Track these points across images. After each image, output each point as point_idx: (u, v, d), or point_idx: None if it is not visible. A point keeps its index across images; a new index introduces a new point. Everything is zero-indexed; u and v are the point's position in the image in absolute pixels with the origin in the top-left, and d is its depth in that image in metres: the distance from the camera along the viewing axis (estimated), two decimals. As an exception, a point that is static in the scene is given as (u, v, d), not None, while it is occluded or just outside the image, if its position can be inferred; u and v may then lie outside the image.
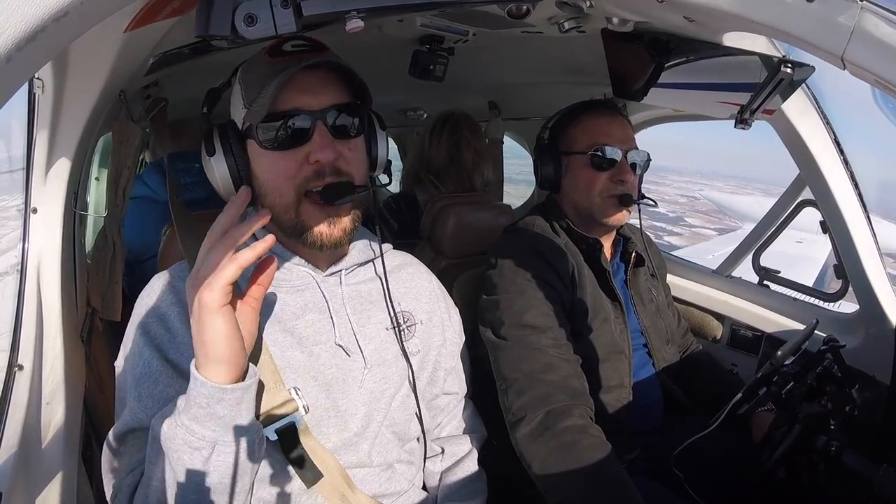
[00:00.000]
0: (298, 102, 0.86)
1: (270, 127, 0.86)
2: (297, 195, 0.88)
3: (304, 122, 0.86)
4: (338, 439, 0.95)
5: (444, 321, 1.16)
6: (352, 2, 0.72)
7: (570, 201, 1.44)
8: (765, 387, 1.18)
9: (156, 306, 0.91)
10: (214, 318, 0.73)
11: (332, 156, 0.86)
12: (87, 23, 0.55)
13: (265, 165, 0.90)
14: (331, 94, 0.88)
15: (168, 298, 0.91)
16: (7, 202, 2.77)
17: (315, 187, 0.87)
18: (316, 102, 0.87)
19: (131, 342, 0.91)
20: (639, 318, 1.48)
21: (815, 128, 1.45)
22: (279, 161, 0.88)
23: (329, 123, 0.87)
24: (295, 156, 0.87)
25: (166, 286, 0.93)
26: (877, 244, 1.52)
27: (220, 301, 0.73)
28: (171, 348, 0.89)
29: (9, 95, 0.50)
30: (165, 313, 0.90)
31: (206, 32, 0.68)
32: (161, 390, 0.86)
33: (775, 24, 0.72)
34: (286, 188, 0.88)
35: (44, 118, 1.00)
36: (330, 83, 0.89)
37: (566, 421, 1.11)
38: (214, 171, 0.90)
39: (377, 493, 1.00)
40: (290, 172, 0.88)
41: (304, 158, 0.87)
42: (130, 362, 0.89)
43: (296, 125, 0.86)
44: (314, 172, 0.87)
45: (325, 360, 0.95)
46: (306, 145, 0.87)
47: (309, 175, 0.87)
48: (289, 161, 0.87)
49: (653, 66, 1.14)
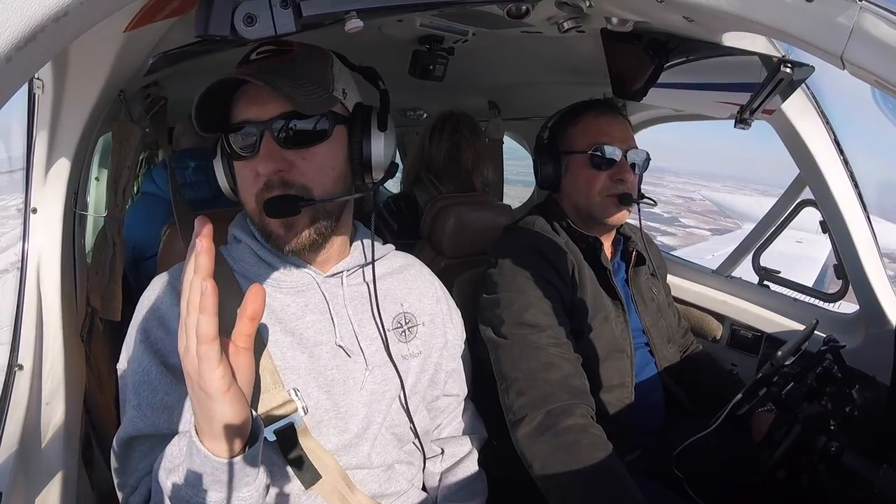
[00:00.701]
0: (248, 114, 0.86)
1: (231, 139, 0.88)
2: (257, 205, 0.88)
3: (251, 134, 0.86)
4: (338, 440, 0.94)
5: (446, 323, 1.16)
6: (351, 2, 0.72)
7: (570, 200, 1.44)
8: (765, 387, 1.18)
9: (156, 308, 0.91)
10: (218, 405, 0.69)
11: (271, 167, 0.85)
12: (86, 23, 0.55)
13: (237, 174, 0.92)
14: (278, 104, 0.85)
15: (168, 300, 0.91)
16: (7, 201, 2.77)
17: (264, 198, 0.86)
18: (263, 113, 0.85)
19: (132, 347, 0.90)
20: (640, 317, 1.48)
21: (814, 128, 1.45)
22: (241, 171, 0.90)
23: (276, 134, 0.85)
24: (249, 167, 0.88)
25: (166, 287, 0.93)
26: (877, 244, 1.52)
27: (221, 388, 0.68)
28: (171, 351, 0.88)
29: (9, 95, 0.50)
30: (165, 315, 0.90)
31: (205, 32, 0.68)
32: (161, 398, 0.86)
33: (774, 24, 0.71)
34: (248, 197, 0.91)
35: (44, 118, 1.00)
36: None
37: (567, 420, 1.11)
38: (216, 173, 0.95)
39: (376, 493, 1.00)
40: (248, 183, 0.89)
41: (254, 170, 0.87)
42: (130, 368, 0.89)
43: (245, 138, 0.87)
44: (263, 184, 0.87)
45: (325, 361, 0.95)
46: (255, 156, 0.86)
47: (261, 187, 0.87)
48: (246, 172, 0.89)
49: (652, 66, 1.14)
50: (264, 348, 0.90)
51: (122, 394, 0.91)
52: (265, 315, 0.91)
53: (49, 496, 0.96)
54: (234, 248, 1.00)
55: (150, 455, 0.86)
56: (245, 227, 1.00)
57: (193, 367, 0.67)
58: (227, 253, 0.99)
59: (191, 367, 0.68)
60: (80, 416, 1.12)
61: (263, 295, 0.72)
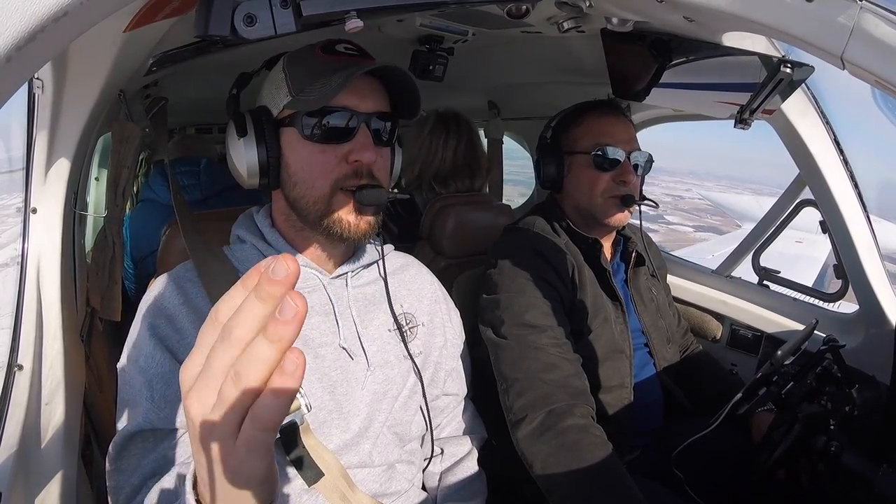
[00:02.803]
0: (348, 102, 0.88)
1: (317, 120, 0.87)
2: (331, 189, 0.89)
3: (352, 122, 0.88)
4: (339, 440, 0.95)
5: (445, 322, 1.17)
6: (351, 2, 0.72)
7: (572, 201, 1.44)
8: (764, 387, 1.18)
9: (163, 307, 0.91)
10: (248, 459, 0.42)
11: (372, 157, 0.89)
12: (86, 23, 0.55)
13: (302, 156, 0.90)
14: (376, 101, 0.91)
15: (175, 299, 0.91)
16: (6, 201, 2.79)
17: (350, 186, 0.89)
18: (364, 105, 0.89)
19: (140, 343, 0.89)
20: (639, 318, 1.48)
21: (814, 128, 1.45)
22: (318, 154, 0.89)
23: (372, 127, 0.90)
24: (335, 151, 0.89)
25: (173, 287, 0.93)
26: (876, 244, 1.52)
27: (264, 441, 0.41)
28: (181, 349, 0.88)
29: (8, 95, 0.50)
30: (174, 314, 0.90)
31: (205, 32, 0.67)
32: (174, 391, 0.86)
33: (775, 24, 0.72)
34: (321, 181, 0.89)
35: (43, 118, 1.00)
36: (376, 90, 0.92)
37: (567, 420, 1.11)
38: (243, 154, 0.90)
39: (377, 492, 1.00)
40: (328, 167, 0.89)
41: (344, 156, 0.89)
42: (141, 363, 0.88)
43: (342, 123, 0.88)
44: (352, 171, 0.89)
45: (329, 362, 0.96)
46: (348, 143, 0.89)
47: (347, 173, 0.89)
48: (328, 156, 0.89)
49: (654, 66, 1.14)
50: None
51: (123, 393, 0.90)
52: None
53: (49, 496, 0.96)
54: (238, 248, 1.00)
55: (154, 451, 0.84)
56: (251, 228, 1.01)
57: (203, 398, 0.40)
58: (230, 254, 0.99)
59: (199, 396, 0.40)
60: (80, 417, 1.12)
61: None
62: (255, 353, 0.36)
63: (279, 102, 0.91)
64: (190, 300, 0.91)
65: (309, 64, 0.91)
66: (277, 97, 0.92)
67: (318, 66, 0.89)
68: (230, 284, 0.92)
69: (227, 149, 0.94)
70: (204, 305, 0.91)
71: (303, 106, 0.88)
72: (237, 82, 0.97)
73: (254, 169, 0.91)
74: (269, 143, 0.90)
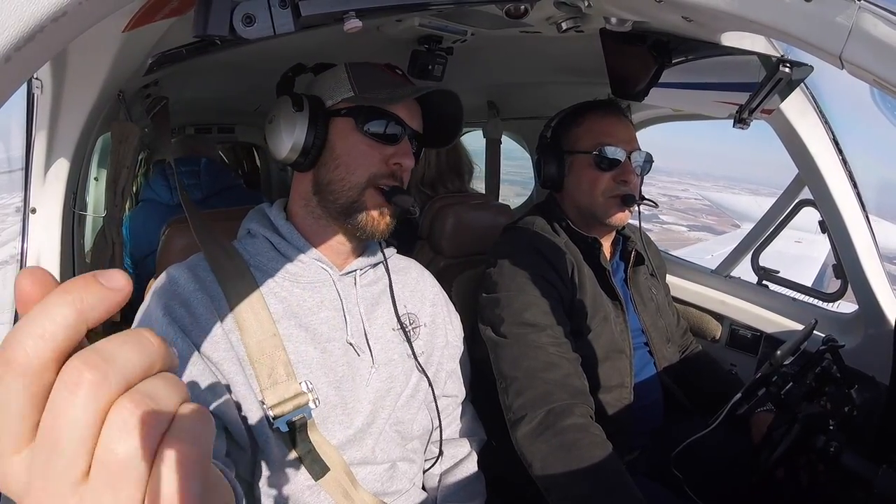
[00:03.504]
0: (402, 114, 0.99)
1: (376, 119, 0.96)
2: (367, 181, 0.97)
3: (401, 131, 0.99)
4: (342, 435, 0.96)
5: (447, 324, 1.19)
6: (350, 2, 0.72)
7: (572, 200, 1.44)
8: (764, 387, 1.18)
9: (177, 291, 0.91)
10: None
11: (411, 164, 0.99)
12: (85, 23, 0.55)
13: (351, 144, 0.97)
14: (418, 123, 1.03)
15: (191, 285, 0.92)
16: (6, 200, 2.80)
17: (384, 184, 0.97)
18: (411, 122, 1.00)
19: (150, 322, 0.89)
20: (639, 317, 1.48)
21: (813, 127, 1.45)
22: (365, 147, 0.97)
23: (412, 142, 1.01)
24: (381, 150, 0.97)
25: (188, 273, 0.93)
26: (876, 244, 1.52)
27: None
28: (195, 331, 0.89)
29: (8, 95, 0.50)
30: (189, 298, 0.91)
31: (204, 32, 0.67)
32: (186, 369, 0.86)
33: (773, 24, 0.72)
34: (361, 171, 0.97)
35: (43, 118, 1.00)
36: (419, 114, 1.04)
37: (567, 420, 1.11)
38: (294, 128, 0.96)
39: (379, 491, 1.01)
40: (372, 161, 0.97)
41: (386, 157, 0.97)
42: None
43: (394, 130, 0.98)
44: (389, 172, 0.98)
45: (336, 357, 0.97)
46: (393, 147, 0.98)
47: (386, 171, 0.97)
48: (374, 152, 0.97)
49: (654, 66, 1.14)
50: (279, 340, 0.91)
51: None
52: (281, 307, 0.95)
53: (48, 496, 0.96)
54: (249, 242, 1.02)
55: None
56: (264, 221, 1.03)
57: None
58: (241, 248, 1.00)
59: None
60: None
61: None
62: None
63: (337, 96, 0.99)
64: (205, 286, 0.92)
65: (375, 73, 1.02)
66: (337, 91, 0.99)
67: (384, 78, 1.01)
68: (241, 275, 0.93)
69: (274, 122, 0.99)
70: (216, 292, 0.92)
71: (367, 102, 0.97)
72: (293, 69, 1.04)
73: (299, 145, 0.96)
74: (319, 125, 0.96)
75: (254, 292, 0.92)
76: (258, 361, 0.89)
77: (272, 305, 0.94)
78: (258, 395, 0.89)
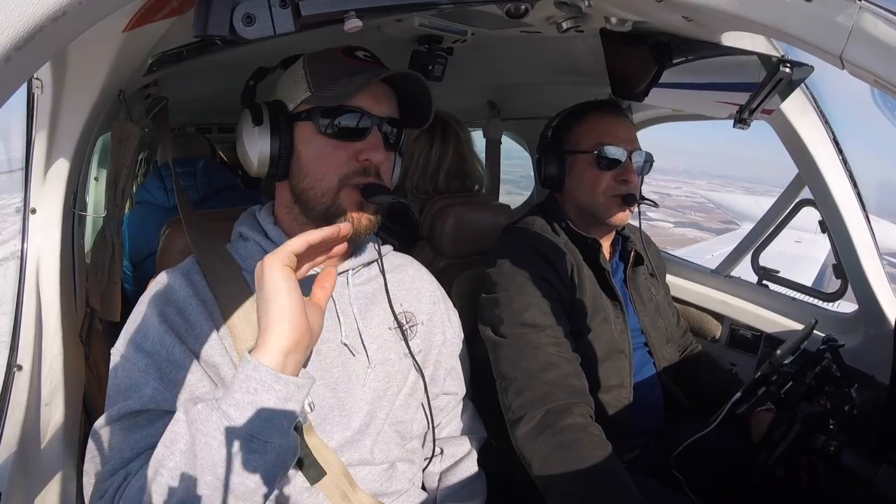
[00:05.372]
0: (364, 104, 0.92)
1: (334, 117, 0.91)
2: (338, 184, 0.93)
3: (366, 123, 0.93)
4: (341, 437, 0.95)
5: (444, 322, 1.17)
6: (350, 2, 0.72)
7: (573, 200, 1.44)
8: (764, 387, 1.18)
9: (172, 298, 0.91)
10: (275, 275, 0.71)
11: (381, 158, 0.93)
12: (85, 23, 0.55)
13: (315, 149, 0.93)
14: (389, 107, 0.96)
15: (185, 291, 0.91)
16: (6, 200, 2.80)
17: (357, 183, 0.92)
18: (378, 109, 0.94)
19: (147, 328, 0.88)
20: (639, 318, 1.48)
21: (813, 127, 1.45)
22: (330, 149, 0.93)
23: (382, 131, 0.95)
24: (347, 149, 0.92)
25: (181, 279, 0.93)
26: (876, 244, 1.52)
27: (282, 260, 0.72)
28: (191, 338, 0.88)
29: (8, 95, 0.50)
30: (183, 305, 0.90)
31: (204, 32, 0.67)
32: (184, 376, 0.86)
33: (774, 24, 0.72)
34: (330, 175, 0.93)
35: (43, 118, 1.00)
36: (389, 97, 0.97)
37: (566, 419, 1.11)
38: (256, 142, 0.93)
39: (378, 491, 1.00)
40: (338, 162, 0.92)
41: (354, 154, 0.92)
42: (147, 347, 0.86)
43: (357, 123, 0.92)
44: (361, 169, 0.93)
45: (331, 359, 0.97)
46: (360, 143, 0.93)
47: (355, 170, 0.93)
48: (340, 152, 0.93)
49: (654, 66, 1.14)
50: None
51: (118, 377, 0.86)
52: None
53: (48, 496, 0.96)
54: (241, 245, 1.01)
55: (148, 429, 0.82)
56: (253, 225, 1.02)
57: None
58: (233, 251, 1.00)
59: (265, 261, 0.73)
60: (80, 417, 1.12)
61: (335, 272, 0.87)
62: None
63: (297, 97, 0.94)
64: (199, 292, 0.92)
65: (331, 64, 0.94)
66: (295, 92, 0.95)
67: (340, 68, 0.93)
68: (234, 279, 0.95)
69: (239, 137, 0.97)
70: (209, 298, 0.92)
71: (323, 102, 0.91)
72: (254, 75, 0.99)
73: (265, 158, 0.94)
74: (282, 133, 0.93)
75: (246, 297, 0.91)
76: None
77: None
78: None
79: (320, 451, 0.92)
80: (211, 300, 0.92)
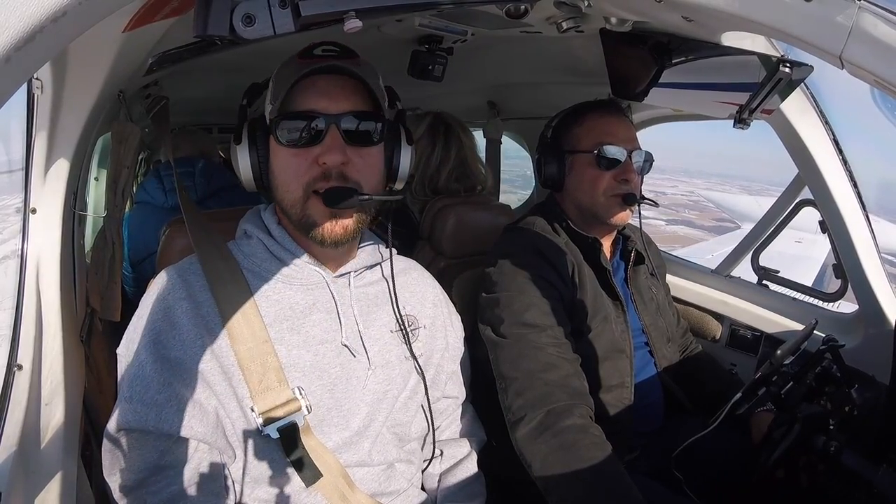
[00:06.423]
0: (317, 105, 0.89)
1: (288, 125, 0.89)
2: (304, 193, 0.90)
3: (318, 124, 0.89)
4: (339, 438, 0.95)
5: (447, 326, 1.17)
6: (350, 2, 0.72)
7: (573, 200, 1.44)
8: (764, 387, 1.18)
9: (163, 299, 0.92)
10: None
11: (339, 159, 0.88)
12: (85, 23, 0.55)
13: (280, 161, 0.92)
14: (349, 101, 0.90)
15: (176, 293, 0.92)
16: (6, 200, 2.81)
17: (320, 188, 0.89)
18: (333, 107, 0.89)
19: (134, 338, 0.91)
20: (640, 317, 1.48)
21: (813, 127, 1.45)
22: (291, 158, 0.91)
23: (343, 128, 0.89)
24: (306, 155, 0.90)
25: (176, 279, 0.94)
26: (876, 244, 1.52)
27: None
28: (173, 343, 0.89)
29: (8, 96, 0.50)
30: (171, 307, 0.91)
31: (204, 32, 0.67)
32: (152, 396, 0.86)
33: (773, 24, 0.72)
34: (294, 185, 0.91)
35: (43, 118, 1.00)
36: (350, 90, 0.91)
37: (566, 420, 1.11)
38: (238, 159, 0.94)
39: (376, 492, 1.00)
40: (300, 171, 0.90)
41: (315, 159, 0.89)
42: (127, 358, 0.90)
43: (310, 126, 0.89)
44: (321, 174, 0.89)
45: (330, 360, 0.96)
46: (317, 147, 0.89)
47: (316, 175, 0.89)
48: (300, 160, 0.90)
49: (654, 66, 1.14)
50: (271, 346, 0.90)
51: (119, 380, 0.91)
52: (273, 310, 0.94)
53: (49, 496, 0.96)
54: (244, 243, 1.01)
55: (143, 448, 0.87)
56: (258, 223, 1.02)
57: None
58: (235, 248, 1.00)
59: None
60: (80, 417, 1.12)
61: None
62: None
63: (268, 111, 0.93)
64: (192, 293, 0.92)
65: (287, 70, 0.91)
66: (269, 106, 0.94)
67: (290, 72, 0.89)
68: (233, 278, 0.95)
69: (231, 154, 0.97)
70: (205, 298, 0.92)
71: (275, 112, 0.90)
72: (247, 93, 0.99)
73: (248, 174, 0.94)
74: (259, 150, 0.93)
75: (245, 297, 0.91)
76: (248, 368, 0.89)
77: (264, 309, 0.93)
78: (248, 402, 0.89)
79: (318, 452, 0.92)
80: (206, 300, 0.92)
